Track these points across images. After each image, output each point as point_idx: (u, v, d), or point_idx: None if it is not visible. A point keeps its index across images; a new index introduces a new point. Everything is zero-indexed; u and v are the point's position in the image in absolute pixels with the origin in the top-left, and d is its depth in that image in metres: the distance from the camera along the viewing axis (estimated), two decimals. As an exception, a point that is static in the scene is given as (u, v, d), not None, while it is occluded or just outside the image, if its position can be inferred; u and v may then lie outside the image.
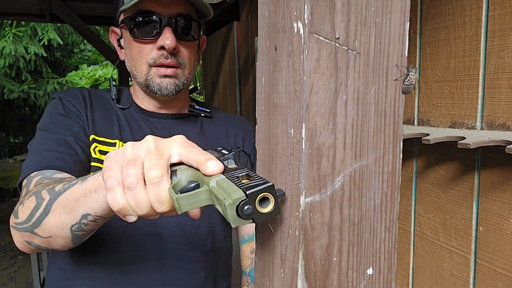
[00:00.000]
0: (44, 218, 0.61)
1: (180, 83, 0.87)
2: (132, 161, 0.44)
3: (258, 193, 0.36)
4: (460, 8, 1.12)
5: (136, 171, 0.43)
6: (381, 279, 0.41)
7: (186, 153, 0.45)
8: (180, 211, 0.41)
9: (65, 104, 0.86)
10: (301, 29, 0.35)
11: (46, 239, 0.63)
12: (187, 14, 0.85)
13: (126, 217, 0.46)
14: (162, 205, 0.43)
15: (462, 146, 0.95)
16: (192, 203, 0.41)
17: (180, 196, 0.40)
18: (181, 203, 0.40)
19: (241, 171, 0.42)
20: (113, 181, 0.44)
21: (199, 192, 0.41)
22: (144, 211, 0.44)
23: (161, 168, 0.43)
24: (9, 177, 4.60)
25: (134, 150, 0.46)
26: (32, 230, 0.63)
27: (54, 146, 0.79)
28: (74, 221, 0.58)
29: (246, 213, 0.36)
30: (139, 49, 0.85)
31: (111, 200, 0.44)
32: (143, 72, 0.86)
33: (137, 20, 0.83)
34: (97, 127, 0.86)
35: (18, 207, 0.67)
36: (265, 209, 0.37)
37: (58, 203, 0.59)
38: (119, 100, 0.94)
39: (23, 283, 3.56)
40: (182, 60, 0.86)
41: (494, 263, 1.06)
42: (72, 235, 0.60)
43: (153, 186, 0.43)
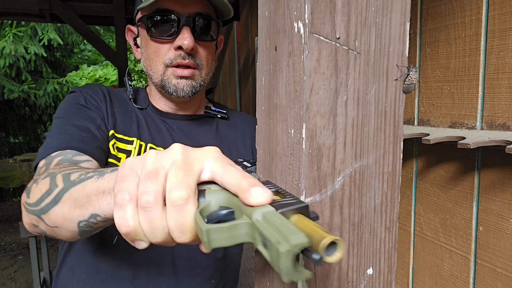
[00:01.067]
0: (53, 207, 0.57)
1: (196, 85, 0.85)
2: (153, 174, 0.36)
3: (322, 238, 0.28)
4: (460, 8, 1.12)
5: (156, 187, 0.35)
6: (381, 279, 0.41)
7: (222, 173, 0.36)
8: (209, 246, 0.32)
9: (86, 97, 0.84)
10: (301, 29, 0.35)
11: (52, 228, 0.59)
12: (206, 13, 0.83)
13: (135, 242, 0.38)
14: (184, 235, 0.35)
15: (462, 146, 0.95)
16: (226, 238, 0.32)
17: (212, 228, 0.31)
18: (212, 237, 0.31)
19: (270, 187, 0.35)
20: (125, 195, 0.36)
21: (237, 225, 0.32)
22: (159, 239, 0.36)
23: (188, 188, 0.34)
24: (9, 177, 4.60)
25: (157, 159, 0.37)
26: (40, 215, 0.59)
27: (76, 131, 0.75)
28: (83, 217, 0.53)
29: (313, 262, 0.27)
30: (155, 48, 0.83)
31: (119, 219, 0.36)
32: (159, 72, 0.84)
33: (154, 19, 0.81)
34: (116, 123, 0.84)
35: (32, 185, 0.63)
36: (332, 258, 0.29)
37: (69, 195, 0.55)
38: (136, 100, 0.92)
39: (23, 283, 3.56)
40: (200, 61, 0.84)
41: (494, 263, 1.06)
42: (79, 230, 0.56)
43: (175, 210, 0.34)
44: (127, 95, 0.91)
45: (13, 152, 7.15)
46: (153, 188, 0.35)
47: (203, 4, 0.83)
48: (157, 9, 0.81)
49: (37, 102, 6.89)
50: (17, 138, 7.65)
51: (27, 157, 4.79)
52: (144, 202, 0.35)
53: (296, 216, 0.31)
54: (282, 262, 0.27)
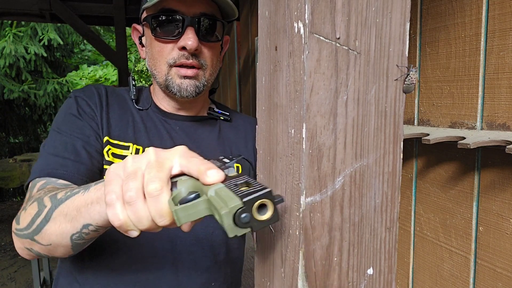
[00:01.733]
0: (45, 226, 0.60)
1: (200, 85, 0.84)
2: (132, 175, 0.43)
3: (255, 200, 0.35)
4: (460, 8, 1.12)
5: (136, 185, 0.43)
6: (381, 279, 0.41)
7: (187, 163, 0.44)
8: (179, 223, 0.40)
9: (80, 105, 0.84)
10: (301, 29, 0.35)
11: (46, 247, 0.62)
12: (211, 14, 0.83)
13: (128, 232, 0.45)
14: (163, 219, 0.42)
15: (462, 146, 0.95)
16: (191, 214, 0.40)
17: (178, 208, 0.39)
18: (179, 214, 0.39)
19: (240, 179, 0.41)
20: (113, 196, 0.44)
21: (198, 203, 0.40)
22: (146, 226, 0.43)
23: (160, 181, 0.42)
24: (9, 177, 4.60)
25: (134, 163, 0.45)
26: (32, 237, 0.62)
27: (62, 151, 0.78)
28: (75, 230, 0.57)
29: (243, 221, 0.35)
30: (160, 48, 0.83)
31: (112, 216, 0.44)
32: (163, 72, 0.84)
33: (159, 19, 0.81)
34: (112, 129, 0.84)
35: (21, 213, 0.67)
36: (263, 217, 0.36)
37: (59, 211, 0.59)
38: (138, 100, 0.91)
39: (23, 283, 3.56)
40: (204, 61, 0.84)
41: (494, 263, 1.06)
42: (72, 244, 0.60)
43: (153, 200, 0.42)
44: (129, 96, 0.91)
45: (13, 152, 7.15)
46: (134, 186, 0.43)
47: (208, 4, 0.82)
48: (162, 8, 0.81)
49: (37, 102, 6.90)
50: (17, 138, 7.65)
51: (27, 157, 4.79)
52: (128, 198, 0.42)
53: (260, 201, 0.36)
54: (224, 221, 0.35)
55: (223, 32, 0.88)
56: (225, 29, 0.88)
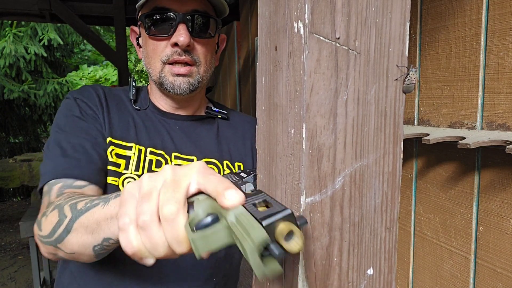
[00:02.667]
0: (66, 236, 0.60)
1: (194, 82, 0.85)
2: (147, 196, 0.40)
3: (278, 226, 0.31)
4: (460, 8, 1.12)
5: (151, 207, 0.39)
6: (381, 279, 0.41)
7: (204, 182, 0.40)
8: (198, 253, 0.36)
9: (81, 106, 0.84)
10: (301, 29, 0.35)
11: (70, 255, 0.62)
12: (203, 11, 0.84)
13: (143, 260, 0.41)
14: (181, 246, 0.38)
15: (462, 146, 0.95)
16: (210, 242, 0.35)
17: (196, 237, 0.35)
18: (198, 244, 0.35)
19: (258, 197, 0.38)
20: (126, 219, 0.40)
21: (217, 231, 0.35)
22: (162, 253, 0.40)
23: (177, 202, 0.38)
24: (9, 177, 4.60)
25: (150, 182, 0.41)
26: (56, 245, 0.62)
27: (71, 152, 0.77)
28: (96, 242, 0.56)
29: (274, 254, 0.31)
30: (153, 46, 0.84)
31: (124, 242, 0.40)
32: (157, 70, 0.85)
33: (152, 18, 0.83)
34: (114, 129, 0.84)
35: (42, 218, 0.66)
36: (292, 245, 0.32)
37: (80, 223, 0.58)
38: (136, 100, 0.92)
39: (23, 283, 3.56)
40: (197, 57, 0.84)
41: (494, 263, 1.06)
42: (95, 254, 0.59)
43: (168, 224, 0.38)
44: (127, 96, 0.91)
45: (13, 152, 7.15)
46: (148, 208, 0.39)
47: (200, 1, 0.84)
48: (155, 7, 0.82)
49: (37, 102, 6.90)
50: (17, 138, 7.65)
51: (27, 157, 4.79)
52: (142, 222, 0.39)
53: (282, 224, 0.33)
54: (250, 258, 0.31)
55: (216, 29, 0.89)
56: (218, 26, 0.89)
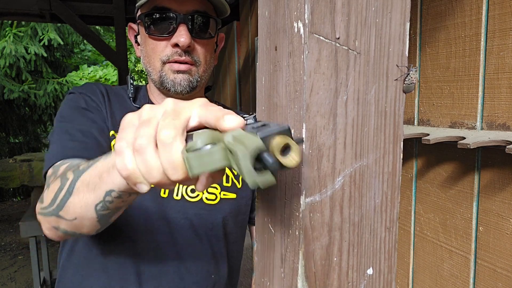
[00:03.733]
0: (68, 199, 0.58)
1: (193, 80, 0.85)
2: (146, 122, 0.39)
3: (273, 136, 0.31)
4: (460, 8, 1.12)
5: (148, 131, 0.39)
6: (381, 279, 0.41)
7: (205, 113, 0.39)
8: (191, 172, 0.35)
9: (86, 99, 0.85)
10: (301, 29, 0.35)
11: (72, 222, 0.60)
12: (203, 11, 0.84)
13: (137, 185, 0.41)
14: (175, 171, 0.38)
15: (462, 146, 0.95)
16: (204, 163, 0.35)
17: (190, 155, 0.35)
18: (192, 162, 0.35)
19: (258, 123, 0.37)
20: (123, 143, 0.40)
21: (212, 151, 0.35)
22: (156, 178, 0.39)
23: (175, 128, 0.38)
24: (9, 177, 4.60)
25: (151, 111, 0.41)
26: (57, 213, 0.60)
27: (80, 137, 0.77)
28: (98, 199, 0.54)
29: (267, 163, 0.30)
30: (153, 45, 0.84)
31: (119, 164, 0.40)
32: (157, 69, 0.85)
33: (152, 17, 0.83)
34: (116, 123, 0.85)
35: (44, 191, 0.65)
36: (287, 160, 0.32)
37: (81, 181, 0.57)
38: (136, 98, 0.93)
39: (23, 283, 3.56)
40: (197, 58, 0.85)
41: (494, 263, 1.06)
42: (98, 215, 0.57)
43: (164, 148, 0.37)
44: (127, 94, 0.92)
45: (13, 152, 7.15)
46: (145, 133, 0.38)
47: (200, 2, 0.84)
48: (155, 7, 0.82)
49: (37, 102, 6.89)
50: (17, 138, 7.65)
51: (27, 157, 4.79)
52: (138, 145, 0.38)
53: (278, 138, 0.32)
54: (242, 164, 0.30)
55: (216, 29, 0.89)
56: (218, 26, 0.89)
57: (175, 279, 0.83)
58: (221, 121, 0.37)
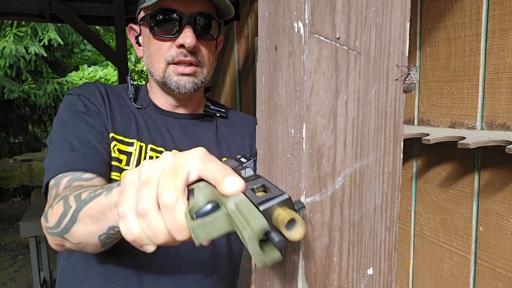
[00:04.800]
0: (72, 226, 0.61)
1: (198, 81, 0.86)
2: (146, 183, 0.39)
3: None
4: (460, 8, 1.12)
5: (150, 194, 0.38)
6: (381, 279, 0.41)
7: (204, 169, 0.39)
8: (197, 241, 0.35)
9: (85, 102, 0.85)
10: (301, 29, 0.35)
11: (77, 245, 0.63)
12: (207, 13, 0.85)
13: (143, 247, 0.41)
14: (181, 233, 0.38)
15: (462, 146, 0.95)
16: (210, 231, 0.35)
17: (195, 225, 0.35)
18: (197, 232, 0.35)
19: (257, 182, 0.37)
20: (125, 207, 0.40)
21: (216, 218, 0.35)
22: (162, 240, 0.39)
23: (176, 189, 0.38)
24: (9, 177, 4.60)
25: (149, 169, 0.41)
26: (62, 235, 0.63)
27: (79, 146, 0.78)
28: (101, 231, 0.57)
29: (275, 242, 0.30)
30: (158, 46, 0.85)
31: (124, 229, 0.40)
32: (160, 69, 0.85)
33: (157, 18, 0.83)
34: (116, 125, 0.85)
35: (48, 210, 0.67)
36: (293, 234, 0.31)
37: (84, 213, 0.58)
38: (136, 99, 0.93)
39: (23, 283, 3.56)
40: (201, 59, 0.86)
41: (494, 263, 1.06)
42: (101, 243, 0.60)
43: (168, 211, 0.38)
44: (127, 94, 0.92)
45: (13, 152, 7.15)
46: (147, 196, 0.38)
47: (205, 3, 0.84)
48: (160, 8, 0.83)
49: (37, 102, 6.90)
50: (17, 138, 7.65)
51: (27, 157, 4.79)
52: (141, 209, 0.38)
53: (280, 209, 0.32)
54: (249, 247, 0.30)
55: (219, 31, 0.90)
56: (220, 28, 0.90)
57: (175, 279, 0.83)
58: (222, 186, 0.36)
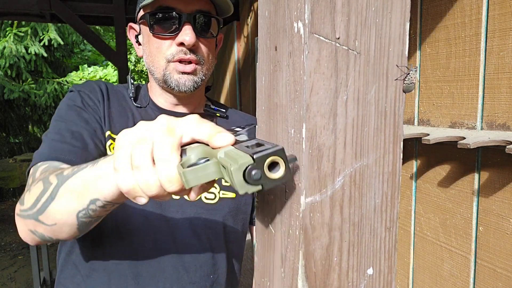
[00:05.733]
0: (50, 204, 0.59)
1: (198, 80, 0.86)
2: (142, 140, 0.43)
3: (266, 157, 0.34)
4: (460, 8, 1.12)
5: (145, 150, 0.42)
6: (381, 279, 0.41)
7: (197, 129, 0.43)
8: (187, 185, 0.39)
9: (83, 98, 0.85)
10: (301, 29, 0.36)
11: (51, 227, 0.60)
12: (207, 10, 0.85)
13: (136, 199, 0.44)
14: (172, 184, 0.41)
15: (462, 146, 0.95)
16: (200, 176, 0.39)
17: (186, 170, 0.39)
18: (188, 176, 0.38)
19: (252, 141, 0.40)
20: (122, 160, 0.43)
21: (207, 165, 0.39)
22: (154, 192, 0.42)
23: (170, 145, 0.41)
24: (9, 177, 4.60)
25: (145, 129, 0.44)
26: (37, 217, 0.61)
27: (69, 139, 0.78)
28: (82, 206, 0.56)
29: (254, 178, 0.34)
30: (158, 44, 0.85)
31: (120, 181, 0.43)
32: (161, 68, 0.85)
33: (157, 16, 0.83)
34: (113, 123, 0.85)
35: (25, 194, 0.65)
36: (275, 175, 0.35)
37: (65, 188, 0.57)
38: (136, 98, 0.93)
39: (23, 283, 3.56)
40: (201, 57, 0.86)
41: (494, 263, 1.06)
42: (78, 222, 0.58)
43: (161, 164, 0.41)
44: (128, 93, 0.92)
45: (13, 152, 7.16)
46: (143, 150, 0.42)
47: (204, 1, 0.85)
48: (160, 6, 0.83)
49: (37, 102, 6.90)
50: (17, 138, 7.65)
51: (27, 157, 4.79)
52: (137, 162, 0.42)
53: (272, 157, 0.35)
54: (234, 178, 0.34)
55: (218, 29, 0.90)
56: (220, 26, 0.90)
57: (172, 279, 0.83)
58: (213, 139, 0.41)
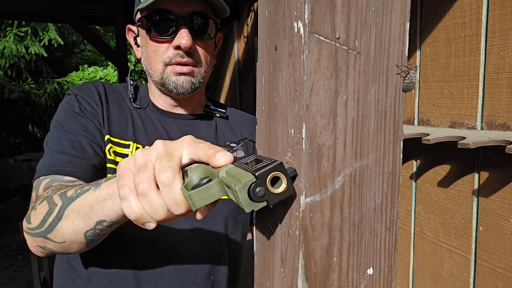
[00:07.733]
0: (57, 224, 0.61)
1: (196, 81, 0.86)
2: (143, 167, 0.44)
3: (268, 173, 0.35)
4: (460, 8, 1.12)
5: (148, 176, 0.43)
6: (381, 279, 0.41)
7: (195, 151, 0.45)
8: (194, 207, 0.40)
9: (81, 103, 0.85)
10: (301, 29, 0.35)
11: (60, 244, 0.63)
12: (202, 12, 0.85)
13: (145, 225, 0.45)
14: (179, 207, 0.43)
15: (462, 146, 0.95)
16: (205, 197, 0.40)
17: (191, 192, 0.40)
18: (194, 199, 0.39)
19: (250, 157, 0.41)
20: (126, 189, 0.44)
21: (210, 186, 0.40)
22: (162, 216, 0.44)
23: (172, 169, 0.43)
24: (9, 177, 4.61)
25: (144, 156, 0.46)
26: (45, 235, 0.63)
27: (68, 149, 0.78)
28: (89, 227, 0.58)
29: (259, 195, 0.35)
30: (155, 48, 0.85)
31: (127, 209, 0.44)
32: (158, 71, 0.85)
33: (153, 19, 0.83)
34: (112, 127, 0.85)
35: (31, 212, 0.67)
36: (278, 189, 0.36)
37: (71, 210, 0.59)
38: (136, 98, 0.93)
39: (23, 283, 3.56)
40: (198, 59, 0.86)
41: (494, 263, 1.06)
42: (87, 240, 0.60)
43: (166, 189, 0.42)
44: (127, 94, 0.92)
45: (13, 152, 7.15)
46: (146, 177, 0.43)
47: (199, 3, 0.84)
48: (155, 9, 0.83)
49: (37, 102, 6.90)
50: (17, 138, 7.65)
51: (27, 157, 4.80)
52: (141, 189, 0.43)
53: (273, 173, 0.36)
54: (240, 197, 0.35)
55: (216, 30, 0.90)
56: (217, 27, 0.90)
57: (173, 280, 0.83)
58: (213, 160, 0.42)
